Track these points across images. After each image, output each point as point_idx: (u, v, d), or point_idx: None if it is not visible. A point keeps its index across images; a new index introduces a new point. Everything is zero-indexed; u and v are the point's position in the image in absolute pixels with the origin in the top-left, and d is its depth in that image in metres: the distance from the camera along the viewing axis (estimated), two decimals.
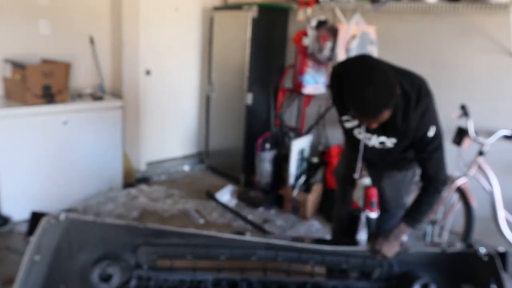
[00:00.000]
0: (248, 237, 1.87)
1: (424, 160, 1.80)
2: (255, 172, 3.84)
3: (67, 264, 1.73)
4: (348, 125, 1.90)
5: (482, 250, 1.81)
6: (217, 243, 1.87)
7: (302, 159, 3.66)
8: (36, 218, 1.69)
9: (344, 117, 1.89)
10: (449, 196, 2.76)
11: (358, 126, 1.86)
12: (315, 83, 3.46)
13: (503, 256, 1.80)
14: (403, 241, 1.86)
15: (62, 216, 1.72)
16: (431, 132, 1.72)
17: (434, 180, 1.80)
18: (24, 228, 2.96)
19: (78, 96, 3.53)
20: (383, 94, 1.54)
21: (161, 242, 1.86)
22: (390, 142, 1.83)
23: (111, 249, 1.82)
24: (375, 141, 1.86)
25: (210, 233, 1.86)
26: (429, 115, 1.73)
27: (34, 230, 1.65)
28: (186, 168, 4.53)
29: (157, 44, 4.12)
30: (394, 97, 1.57)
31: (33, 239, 1.62)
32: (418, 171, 1.95)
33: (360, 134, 1.87)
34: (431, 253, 1.92)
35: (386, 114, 1.58)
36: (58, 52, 3.47)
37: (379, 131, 1.80)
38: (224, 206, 3.58)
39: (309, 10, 3.43)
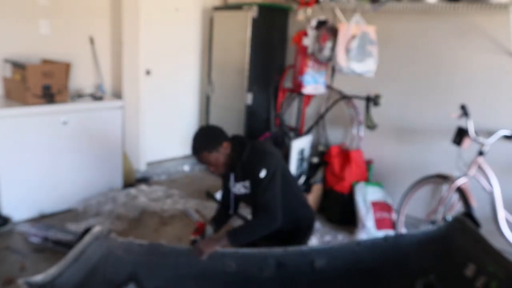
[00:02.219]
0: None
1: (256, 196, 2.08)
2: None
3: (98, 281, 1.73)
4: (230, 188, 2.24)
5: (449, 219, 2.00)
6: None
7: (302, 159, 3.66)
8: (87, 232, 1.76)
9: (228, 183, 2.23)
10: (449, 196, 2.76)
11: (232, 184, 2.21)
12: (315, 83, 3.45)
13: (470, 216, 1.97)
14: (224, 245, 1.98)
15: (109, 234, 1.78)
16: (262, 174, 2.04)
17: (263, 211, 2.05)
18: (24, 228, 2.97)
19: (78, 96, 3.53)
20: (198, 141, 2.05)
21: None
22: (248, 184, 2.13)
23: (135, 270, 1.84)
24: (241, 188, 2.17)
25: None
26: (259, 160, 2.07)
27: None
28: (186, 168, 4.53)
29: (157, 44, 4.12)
30: (206, 145, 2.02)
31: (79, 245, 1.64)
32: None
33: (234, 187, 2.21)
34: (413, 236, 2.07)
35: (205, 156, 2.02)
36: (58, 52, 3.47)
37: (239, 178, 2.15)
38: None
39: (309, 10, 3.43)
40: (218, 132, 2.12)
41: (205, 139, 2.07)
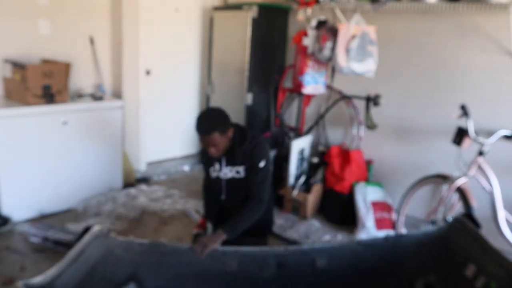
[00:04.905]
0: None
1: (252, 182, 2.18)
2: None
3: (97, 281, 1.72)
4: (214, 174, 2.28)
5: (450, 219, 2.02)
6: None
7: (302, 159, 3.66)
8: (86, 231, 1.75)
9: (211, 169, 2.28)
10: (449, 196, 2.76)
11: (220, 168, 2.24)
12: (315, 83, 3.46)
13: (470, 216, 1.98)
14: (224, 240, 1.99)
15: (109, 233, 1.78)
16: (261, 164, 2.16)
17: (255, 198, 2.15)
18: (24, 228, 2.97)
19: (78, 96, 3.53)
20: (212, 120, 2.07)
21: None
22: (242, 169, 2.19)
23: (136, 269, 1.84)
24: (229, 172, 2.22)
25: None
26: (259, 151, 2.17)
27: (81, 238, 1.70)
28: (186, 168, 4.53)
29: (157, 44, 4.11)
30: (219, 126, 2.04)
31: (79, 244, 1.64)
32: None
33: (220, 171, 2.24)
34: (414, 236, 2.09)
35: (215, 137, 2.02)
36: (58, 52, 3.47)
37: (231, 163, 2.19)
38: None
39: (309, 10, 3.44)
40: (227, 115, 2.14)
41: (218, 120, 2.09)
